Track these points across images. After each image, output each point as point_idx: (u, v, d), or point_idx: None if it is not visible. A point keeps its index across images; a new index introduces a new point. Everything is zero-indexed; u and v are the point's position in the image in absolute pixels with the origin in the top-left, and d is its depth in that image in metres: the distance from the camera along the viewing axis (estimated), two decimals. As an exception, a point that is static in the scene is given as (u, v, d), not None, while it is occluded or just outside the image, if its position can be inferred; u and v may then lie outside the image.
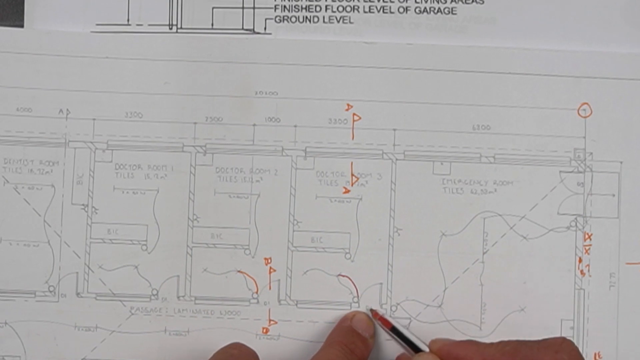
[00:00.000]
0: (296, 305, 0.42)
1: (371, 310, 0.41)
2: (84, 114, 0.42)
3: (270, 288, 0.42)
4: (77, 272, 0.42)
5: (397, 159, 0.42)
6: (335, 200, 0.42)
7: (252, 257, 0.42)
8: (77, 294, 0.42)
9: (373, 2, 0.43)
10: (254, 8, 0.43)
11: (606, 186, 0.42)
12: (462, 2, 0.43)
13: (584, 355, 0.41)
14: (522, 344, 0.36)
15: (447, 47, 0.42)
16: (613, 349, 0.41)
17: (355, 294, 0.42)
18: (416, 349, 0.39)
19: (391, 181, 0.42)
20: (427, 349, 0.39)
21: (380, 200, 0.42)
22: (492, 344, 0.37)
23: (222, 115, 0.42)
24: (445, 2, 0.43)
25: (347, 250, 0.42)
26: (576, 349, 0.35)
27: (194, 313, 0.42)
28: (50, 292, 0.42)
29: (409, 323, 0.42)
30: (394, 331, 0.40)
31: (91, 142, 0.42)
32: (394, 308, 0.42)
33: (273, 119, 0.42)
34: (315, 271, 0.42)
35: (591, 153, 0.42)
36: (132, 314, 0.42)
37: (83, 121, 0.42)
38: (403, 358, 0.40)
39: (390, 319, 0.41)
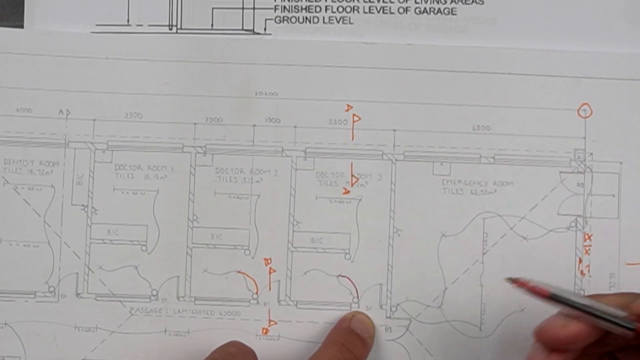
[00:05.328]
0: (296, 305, 0.42)
1: (510, 279, 0.34)
2: (84, 114, 0.42)
3: (270, 288, 0.42)
4: (77, 273, 0.42)
5: (397, 160, 0.42)
6: (335, 201, 0.42)
7: (252, 257, 0.42)
8: (77, 294, 0.42)
9: (373, 2, 0.43)
10: (254, 8, 0.43)
11: (606, 187, 0.42)
12: (462, 3, 0.43)
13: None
14: None
15: (447, 47, 0.42)
16: (613, 350, 0.41)
17: (355, 295, 0.42)
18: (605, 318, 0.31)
19: (391, 182, 0.42)
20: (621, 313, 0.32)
21: (380, 200, 0.42)
22: None
23: (222, 115, 0.42)
24: (445, 2, 0.43)
25: (347, 251, 0.42)
26: None
27: (194, 314, 0.42)
28: (50, 292, 0.42)
29: (409, 324, 0.42)
30: (555, 299, 0.32)
31: (91, 143, 0.42)
32: (393, 308, 0.42)
33: (273, 120, 0.42)
34: (315, 272, 0.42)
35: (591, 153, 0.42)
36: (132, 314, 0.42)
37: (83, 122, 0.42)
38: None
39: (544, 286, 0.32)
